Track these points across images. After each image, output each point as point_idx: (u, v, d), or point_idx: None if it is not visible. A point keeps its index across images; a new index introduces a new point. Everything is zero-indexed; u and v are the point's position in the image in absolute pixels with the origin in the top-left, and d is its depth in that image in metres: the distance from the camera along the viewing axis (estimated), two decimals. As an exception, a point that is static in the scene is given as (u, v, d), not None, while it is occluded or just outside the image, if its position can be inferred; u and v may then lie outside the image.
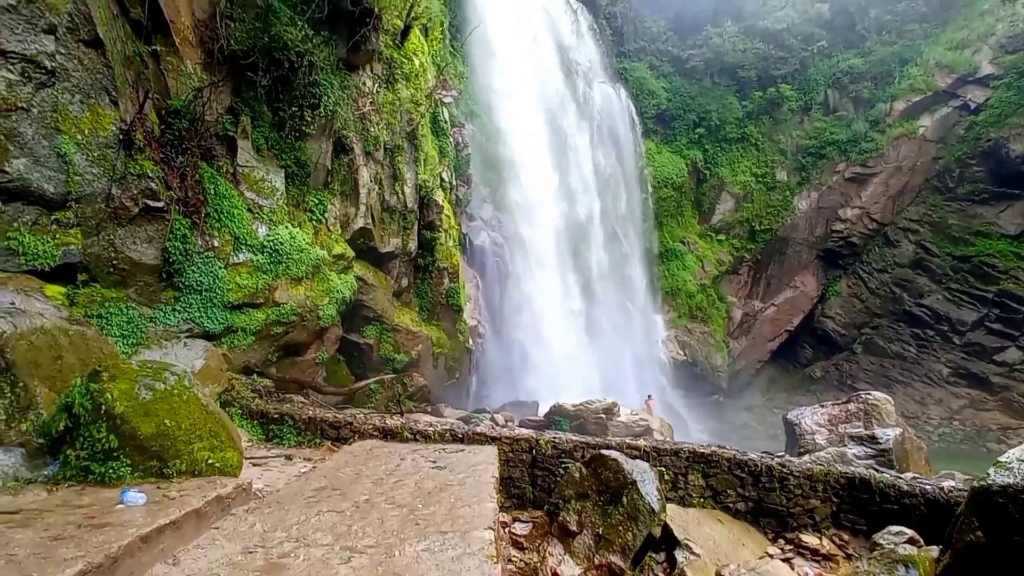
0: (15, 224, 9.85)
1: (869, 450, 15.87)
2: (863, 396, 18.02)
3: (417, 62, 21.42)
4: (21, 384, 7.55)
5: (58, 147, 10.02)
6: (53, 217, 10.29)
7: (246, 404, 12.96)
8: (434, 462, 8.71)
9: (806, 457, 13.25)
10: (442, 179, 23.83)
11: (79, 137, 10.29)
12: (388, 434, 11.31)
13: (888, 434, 15.91)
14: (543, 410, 22.93)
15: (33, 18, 9.34)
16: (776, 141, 41.44)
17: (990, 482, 5.97)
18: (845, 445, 16.48)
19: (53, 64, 9.73)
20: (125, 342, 11.67)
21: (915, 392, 34.56)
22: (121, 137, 10.86)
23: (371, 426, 11.58)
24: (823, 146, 39.70)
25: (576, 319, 32.94)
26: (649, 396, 29.84)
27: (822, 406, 18.89)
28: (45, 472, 6.57)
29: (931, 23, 39.75)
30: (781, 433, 20.46)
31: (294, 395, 16.09)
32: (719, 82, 43.04)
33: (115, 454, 6.44)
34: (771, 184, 40.98)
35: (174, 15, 13.07)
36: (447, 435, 11.20)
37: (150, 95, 12.06)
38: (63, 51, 9.86)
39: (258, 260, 14.50)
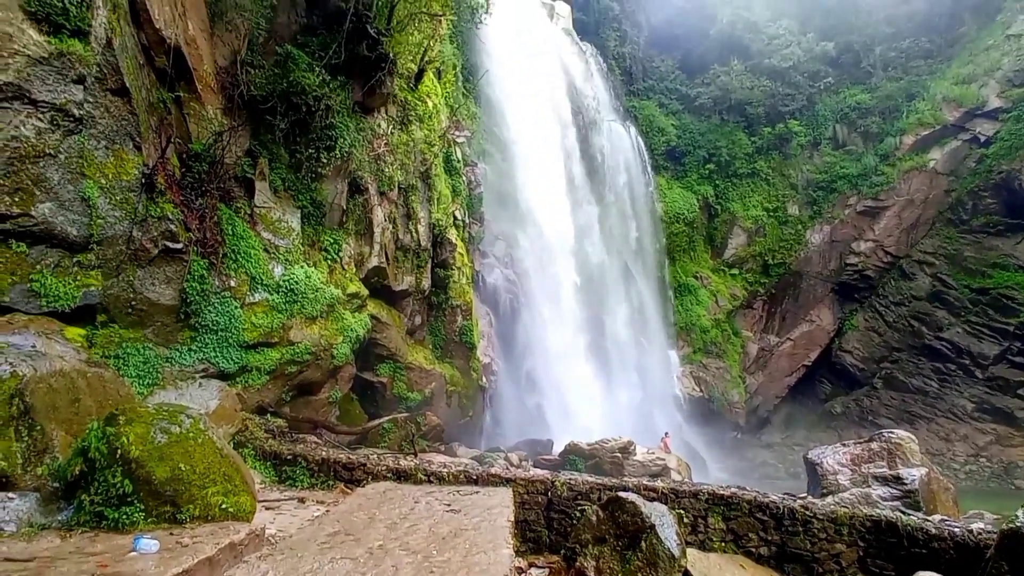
0: (38, 267, 10.05)
1: (895, 491, 15.38)
2: (886, 435, 17.52)
3: (431, 104, 21.92)
4: (39, 427, 7.58)
5: (83, 191, 10.28)
6: (75, 259, 10.49)
7: (259, 445, 12.90)
8: (448, 505, 8.56)
9: (829, 499, 12.87)
10: (455, 217, 24.08)
11: (103, 181, 10.56)
12: (402, 476, 11.17)
13: (914, 474, 15.43)
14: (558, 448, 22.55)
15: (64, 69, 9.68)
16: (786, 175, 41.58)
17: (1019, 524, 5.77)
18: (869, 486, 15.99)
19: (81, 112, 10.06)
20: (141, 383, 11.73)
21: (939, 428, 33.67)
22: (143, 181, 11.14)
23: (384, 467, 11.45)
24: (833, 180, 39.76)
25: (590, 355, 32.67)
26: (666, 434, 29.29)
27: (844, 445, 18.38)
28: (59, 517, 6.53)
29: (936, 59, 40.19)
30: (802, 471, 19.93)
31: (307, 435, 16.00)
32: (728, 118, 43.55)
33: (129, 499, 6.40)
34: (783, 218, 40.96)
35: (197, 63, 13.53)
36: (461, 476, 11.03)
37: (172, 140, 12.41)
38: (91, 100, 10.20)
39: (273, 300, 14.63)
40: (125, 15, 11.08)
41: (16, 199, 9.42)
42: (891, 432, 17.69)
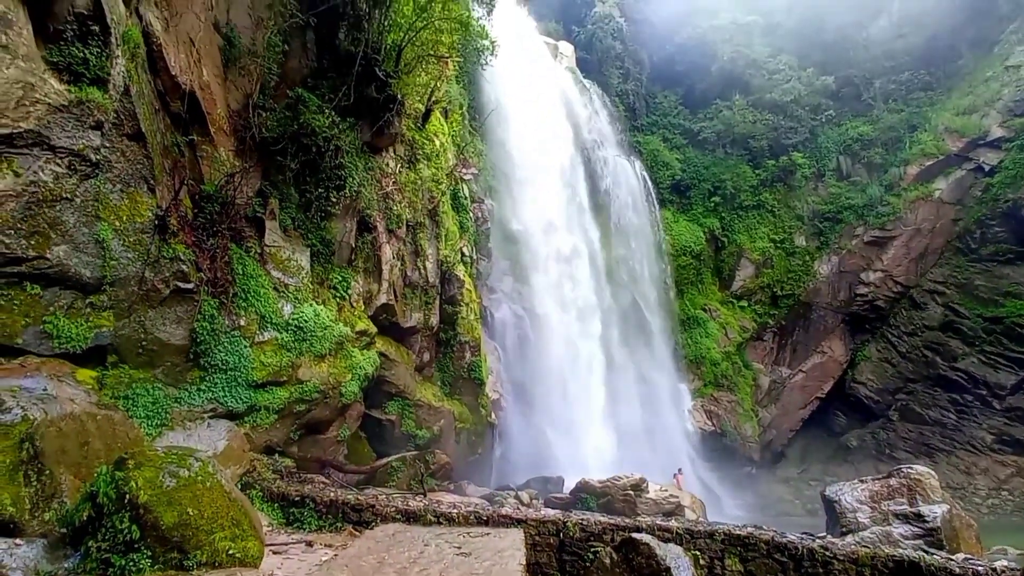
0: (52, 308, 10.16)
1: (916, 529, 14.95)
2: (904, 470, 17.11)
3: (438, 142, 22.33)
4: (47, 472, 7.55)
5: (97, 234, 10.45)
6: (88, 300, 10.60)
7: (267, 486, 12.77)
8: (459, 548, 8.38)
9: (849, 538, 12.53)
10: (463, 254, 24.25)
11: (117, 224, 10.73)
12: (411, 517, 10.97)
13: (935, 511, 15.01)
14: (569, 485, 22.13)
15: (82, 116, 9.95)
16: (792, 207, 41.68)
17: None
18: (890, 524, 15.55)
19: (98, 157, 10.29)
20: (150, 423, 11.70)
21: (959, 461, 32.88)
22: (156, 222, 11.32)
23: (393, 508, 11.26)
24: (839, 211, 39.82)
25: (599, 390, 32.35)
26: (679, 470, 28.75)
27: (862, 481, 17.95)
28: (66, 565, 6.43)
29: (936, 91, 40.61)
30: (820, 507, 19.43)
31: (315, 475, 15.83)
32: (731, 152, 43.93)
33: (136, 545, 6.30)
34: (790, 249, 40.91)
35: (210, 107, 13.89)
36: (471, 518, 10.84)
37: (185, 182, 12.65)
38: (107, 145, 10.46)
39: (283, 338, 14.65)
40: (143, 63, 11.43)
41: (32, 242, 9.59)
42: (910, 467, 17.29)
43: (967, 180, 36.72)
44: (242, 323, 13.75)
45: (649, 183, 40.74)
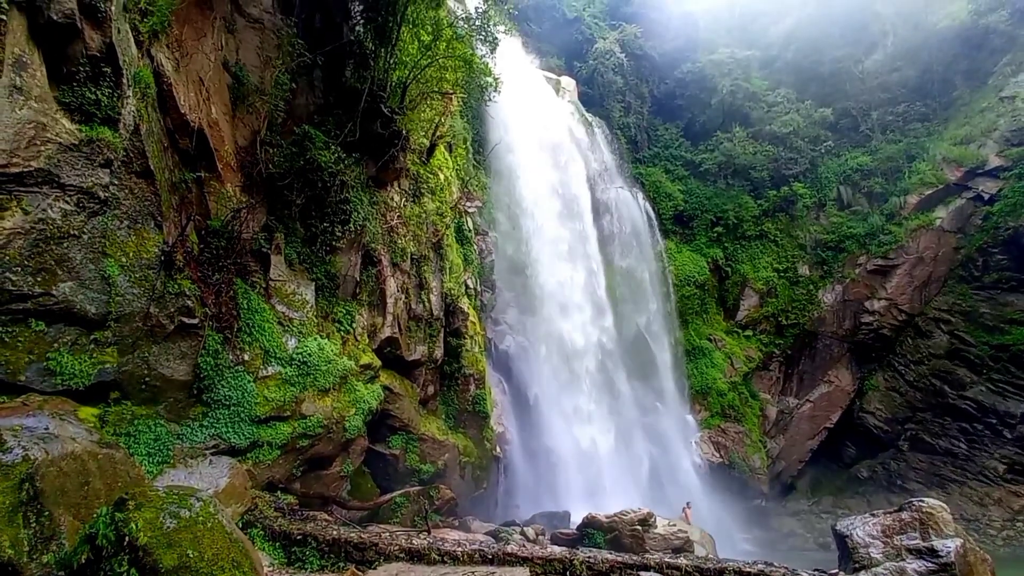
0: (55, 345, 10.14)
1: (930, 565, 14.53)
2: (916, 503, 16.75)
3: (442, 176, 22.57)
4: (47, 513, 7.43)
5: (104, 270, 10.49)
6: (92, 337, 10.58)
7: (268, 525, 12.54)
8: (466, 590, 8.16)
9: (863, 574, 12.19)
10: (467, 286, 24.29)
11: (124, 260, 10.78)
12: (415, 556, 10.73)
13: (948, 546, 14.60)
14: (575, 520, 21.74)
15: (92, 154, 10.09)
16: (794, 236, 41.78)
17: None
18: (903, 559, 15.11)
19: (106, 194, 10.40)
20: (151, 461, 11.55)
21: (972, 492, 32.21)
22: (162, 258, 11.37)
23: (397, 547, 11.02)
24: (842, 240, 39.89)
25: (605, 422, 31.98)
26: (687, 504, 28.20)
27: (873, 515, 17.54)
28: (63, 611, 6.27)
29: (932, 122, 41.06)
30: (831, 541, 18.95)
31: (318, 512, 15.56)
32: (733, 183, 44.31)
33: (135, 590, 6.15)
34: (794, 278, 40.85)
35: (218, 144, 14.09)
36: (476, 556, 10.60)
37: (192, 217, 12.76)
38: (116, 182, 10.58)
39: (286, 372, 14.57)
40: (153, 102, 11.65)
41: (39, 279, 9.62)
42: (921, 501, 16.92)
43: (967, 209, 36.85)
44: (246, 358, 13.70)
45: (652, 214, 40.99)
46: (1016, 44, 37.85)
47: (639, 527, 19.24)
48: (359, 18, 17.50)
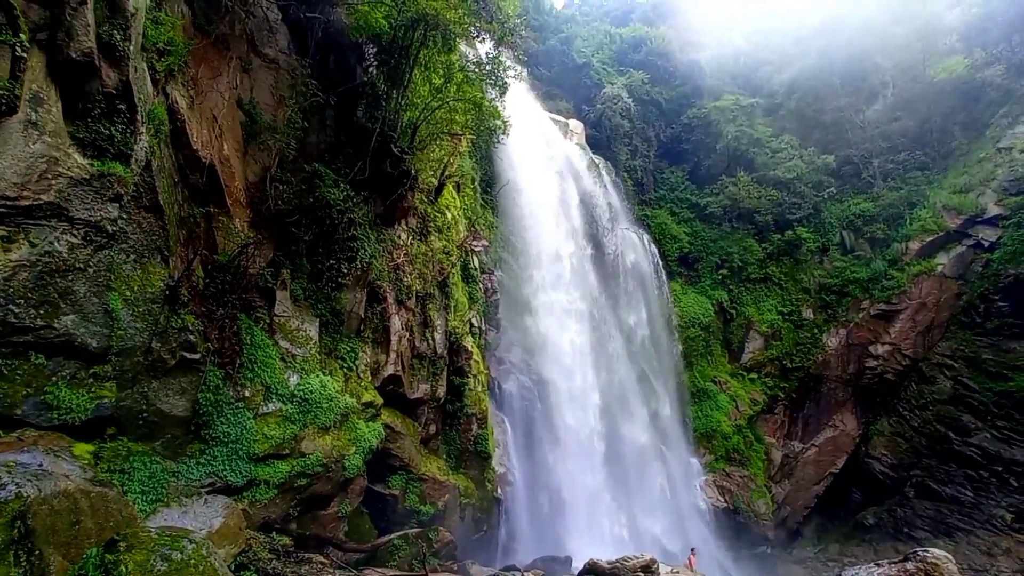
0: (54, 378, 9.97)
1: (934, 617, 14.06)
2: (921, 554, 16.34)
3: (449, 215, 22.73)
4: (37, 552, 7.19)
5: (107, 304, 10.39)
6: (91, 371, 10.42)
7: (263, 567, 12.15)
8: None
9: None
10: (471, 325, 24.18)
11: (128, 294, 10.70)
12: (414, 606, 10.32)
13: (953, 599, 14.14)
14: (577, 566, 21.15)
15: (102, 189, 10.11)
16: (798, 280, 41.96)
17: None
18: (912, 611, 14.64)
19: (114, 228, 10.39)
20: (145, 499, 11.24)
21: (980, 541, 31.34)
22: (167, 292, 11.30)
23: (395, 596, 10.62)
24: (845, 284, 39.97)
25: (609, 464, 31.43)
26: (692, 550, 27.48)
27: (878, 565, 17.08)
28: (47, 662, 5.97)
29: (932, 170, 41.68)
30: (839, 593, 18.38)
31: (313, 554, 15.10)
32: (738, 226, 44.79)
33: (123, 639, 5.88)
34: (798, 322, 40.82)
35: (229, 180, 14.20)
36: (478, 607, 10.18)
37: (199, 252, 12.75)
38: (125, 216, 10.58)
39: (287, 410, 14.34)
40: (166, 138, 11.79)
41: (41, 311, 9.53)
42: (926, 551, 16.53)
43: (968, 256, 37.01)
44: (247, 394, 13.50)
45: (657, 255, 41.20)
46: (1012, 97, 38.73)
47: (642, 573, 18.64)
48: (373, 60, 17.89)
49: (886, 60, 45.52)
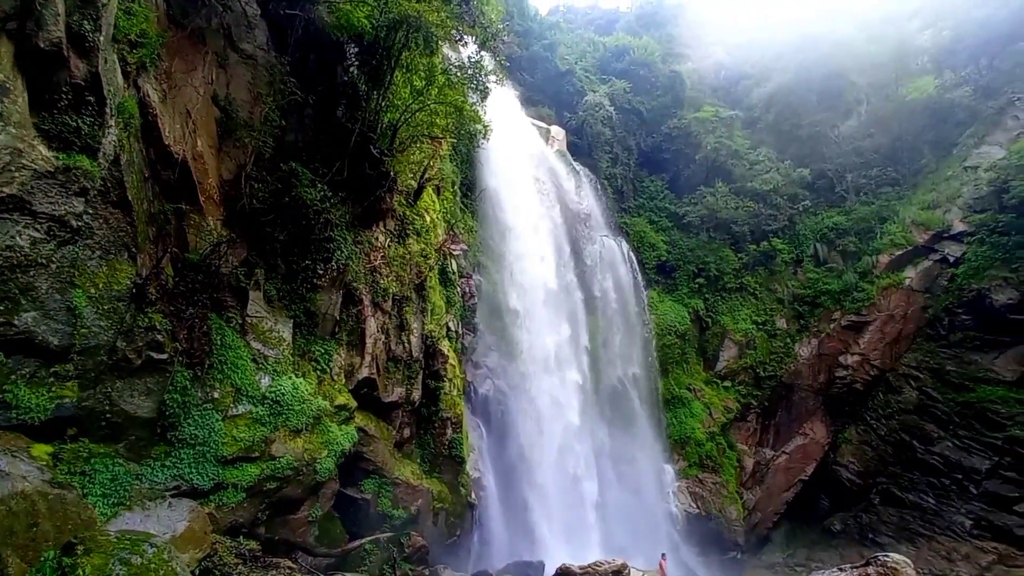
0: (13, 377, 9.67)
1: (893, 618, 14.36)
2: (881, 558, 16.73)
3: (428, 218, 22.59)
4: (-10, 557, 6.95)
5: (70, 301, 10.11)
6: (52, 369, 10.13)
7: (228, 572, 11.92)
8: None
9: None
10: (448, 328, 24.04)
11: (92, 291, 10.43)
12: (382, 613, 10.19)
13: (911, 601, 14.47)
14: (549, 571, 21.21)
15: (68, 183, 9.85)
16: (773, 290, 42.74)
17: None
18: (868, 613, 14.93)
19: (79, 223, 10.12)
20: (106, 502, 10.94)
21: (940, 547, 32.12)
22: (134, 291, 11.03)
23: (363, 602, 10.47)
24: (817, 295, 40.76)
25: (584, 470, 31.51)
26: (663, 555, 27.64)
27: (841, 569, 17.40)
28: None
29: (902, 186, 42.78)
30: (804, 594, 18.68)
31: (282, 559, 14.83)
32: (715, 236, 45.43)
33: (78, 647, 5.69)
34: (772, 331, 41.50)
35: (202, 177, 13.92)
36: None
37: (169, 250, 12.48)
38: (90, 211, 10.32)
39: (258, 412, 14.09)
40: (136, 132, 11.52)
41: (1, 308, 9.24)
42: (887, 556, 16.91)
43: (934, 270, 37.95)
44: (216, 395, 13.23)
45: (635, 263, 41.53)
46: (978, 118, 39.95)
47: (613, 580, 18.73)
48: (354, 60, 17.69)
49: (861, 78, 46.63)
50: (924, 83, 43.66)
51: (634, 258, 41.73)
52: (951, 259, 37.16)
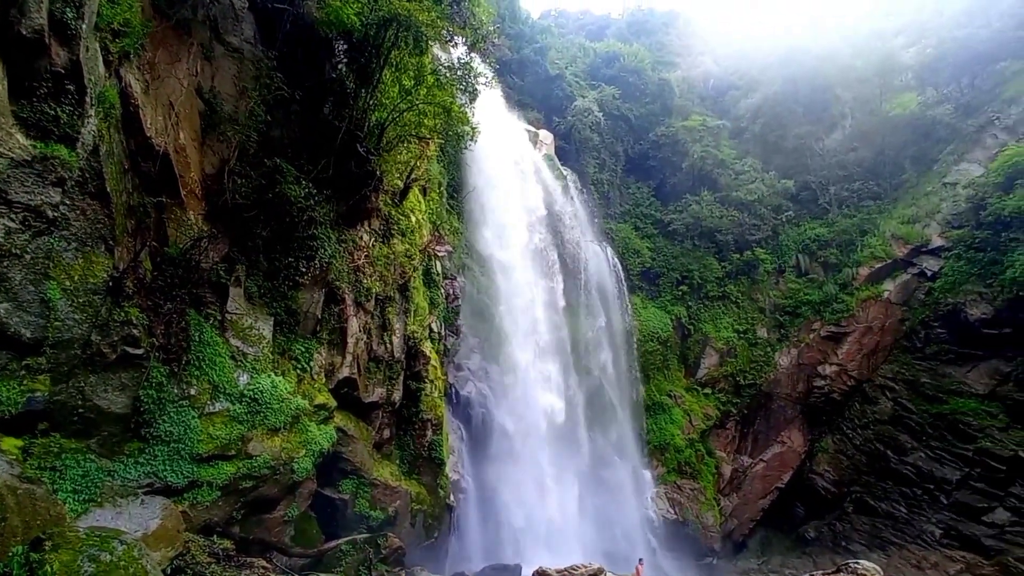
0: (-18, 369, 9.48)
1: (862, 623, 14.64)
2: (852, 565, 17.11)
3: (414, 219, 22.49)
4: (-46, 552, 6.79)
5: (44, 292, 9.92)
6: (24, 362, 9.92)
7: (200, 571, 11.76)
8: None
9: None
10: (431, 329, 23.95)
11: (68, 283, 10.24)
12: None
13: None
14: (526, 574, 21.16)
15: (45, 172, 9.67)
16: (755, 300, 43.23)
17: None
18: (838, 618, 15.20)
19: (55, 214, 9.94)
20: (76, 498, 10.76)
21: (910, 555, 32.68)
22: (110, 284, 10.85)
23: (337, 604, 10.38)
24: (798, 305, 41.29)
25: (563, 473, 31.54)
26: (640, 560, 27.67)
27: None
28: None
29: (883, 200, 43.50)
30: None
31: (256, 558, 14.67)
32: (699, 244, 45.86)
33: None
34: (753, 340, 41.94)
35: (184, 170, 13.73)
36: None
37: (148, 243, 12.29)
38: (67, 202, 10.13)
39: (235, 410, 13.92)
40: (117, 123, 11.33)
41: (-28, 298, 9.05)
42: (857, 563, 17.28)
43: (912, 283, 38.61)
44: (193, 392, 13.05)
45: (620, 269, 41.72)
46: (958, 135, 40.71)
47: (590, 584, 18.72)
48: (342, 57, 17.58)
49: (846, 92, 47.36)
50: (907, 99, 44.45)
51: (619, 264, 41.93)
52: (929, 273, 37.80)
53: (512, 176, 34.27)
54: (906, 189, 42.74)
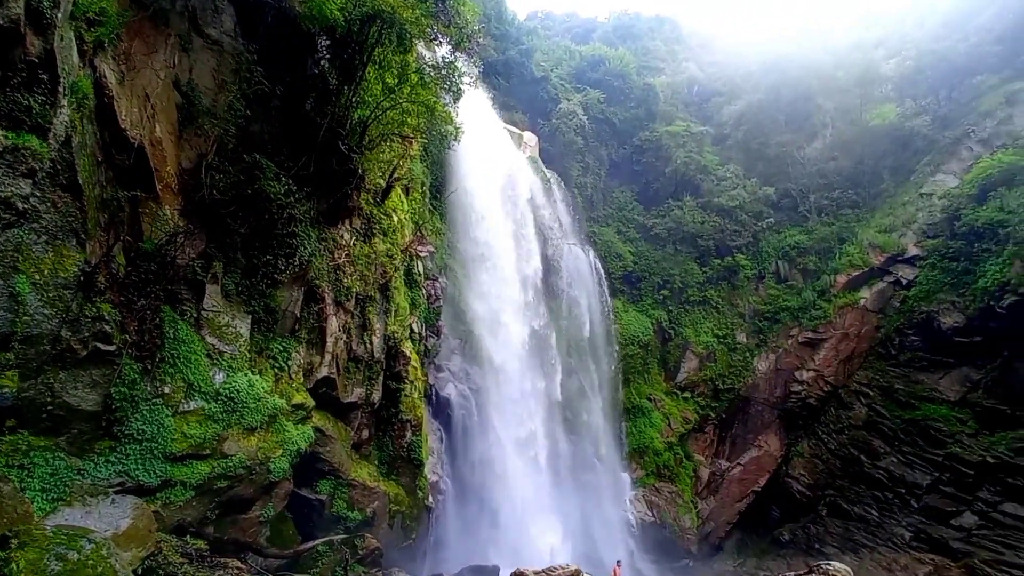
0: (-54, 364, 9.23)
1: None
2: (823, 566, 17.37)
3: (396, 218, 22.35)
4: (-87, 553, 6.60)
5: (12, 286, 9.69)
6: (-9, 358, 9.68)
7: (172, 571, 11.56)
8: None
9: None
10: (412, 330, 23.82)
11: (37, 277, 10.01)
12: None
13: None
14: (504, 575, 21.12)
15: (15, 163, 9.44)
16: (735, 305, 43.78)
17: None
18: (809, 618, 15.42)
19: (25, 206, 9.71)
20: (45, 497, 10.52)
21: (881, 558, 33.28)
22: (82, 278, 10.62)
23: (310, 606, 10.27)
24: (777, 311, 41.88)
25: (542, 476, 31.58)
26: (617, 562, 27.77)
27: (785, 577, 18.02)
28: None
29: (862, 209, 44.36)
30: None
31: (230, 559, 14.45)
32: (681, 249, 46.35)
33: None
34: (732, 345, 42.43)
35: (160, 164, 13.48)
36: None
37: (121, 238, 12.05)
38: (38, 194, 9.90)
39: (210, 408, 13.71)
40: (90, 114, 11.10)
41: (-62, 291, 8.81)
42: (829, 564, 17.55)
43: (888, 291, 39.34)
44: (166, 390, 12.83)
45: (602, 272, 41.93)
46: (935, 147, 41.62)
47: (567, 586, 18.73)
48: (325, 53, 17.40)
49: (828, 102, 48.17)
50: (887, 110, 45.36)
51: (601, 267, 42.13)
52: (904, 281, 38.54)
53: (496, 177, 34.23)
54: (884, 198, 43.58)
